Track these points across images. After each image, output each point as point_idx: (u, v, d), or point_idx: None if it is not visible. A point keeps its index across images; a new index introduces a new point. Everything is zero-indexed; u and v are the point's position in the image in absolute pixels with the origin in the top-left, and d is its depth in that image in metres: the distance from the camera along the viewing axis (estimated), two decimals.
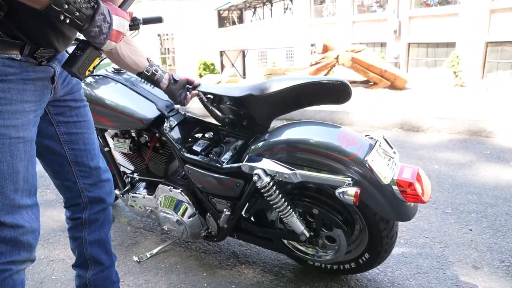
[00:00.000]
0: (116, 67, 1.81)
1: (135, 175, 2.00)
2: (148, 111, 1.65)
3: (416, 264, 1.75)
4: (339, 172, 1.27)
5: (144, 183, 1.99)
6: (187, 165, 1.58)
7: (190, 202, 1.66)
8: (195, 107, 5.08)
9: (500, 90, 7.58)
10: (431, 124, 4.03)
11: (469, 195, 2.44)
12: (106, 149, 1.98)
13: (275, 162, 1.34)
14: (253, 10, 24.16)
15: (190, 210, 1.67)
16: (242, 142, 1.62)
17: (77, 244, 1.35)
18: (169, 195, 1.71)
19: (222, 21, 25.00)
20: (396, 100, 5.61)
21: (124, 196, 1.99)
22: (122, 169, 2.06)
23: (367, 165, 1.20)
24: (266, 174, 1.34)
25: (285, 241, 1.60)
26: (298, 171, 1.29)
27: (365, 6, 13.10)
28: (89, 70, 0.94)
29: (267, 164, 1.34)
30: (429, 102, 5.52)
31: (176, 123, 1.66)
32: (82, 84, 1.72)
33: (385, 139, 1.33)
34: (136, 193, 1.92)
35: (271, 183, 1.34)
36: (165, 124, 1.64)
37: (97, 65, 1.93)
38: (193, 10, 22.04)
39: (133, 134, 1.77)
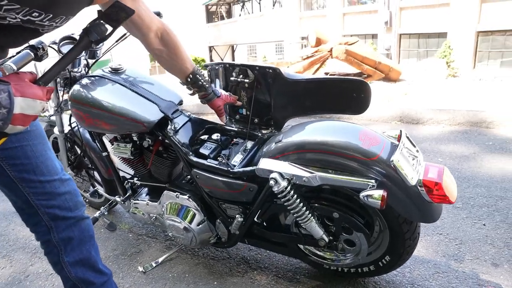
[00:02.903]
0: (114, 66, 1.70)
1: (136, 179, 1.90)
2: (150, 113, 1.55)
3: (434, 264, 1.70)
4: (361, 173, 1.19)
5: (146, 189, 1.89)
6: (195, 170, 1.49)
7: (199, 208, 1.58)
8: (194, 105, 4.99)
9: (493, 79, 7.60)
10: (431, 116, 3.98)
11: (478, 188, 2.39)
12: (104, 154, 1.88)
13: (292, 165, 1.26)
14: (241, 4, 23.96)
15: (198, 217, 1.58)
16: (252, 144, 1.54)
17: (58, 269, 1.23)
18: (175, 202, 1.62)
19: (211, 16, 24.73)
20: (392, 92, 5.56)
21: (125, 202, 1.90)
22: (121, 174, 1.96)
23: (392, 165, 1.12)
24: (283, 178, 1.26)
25: (301, 246, 1.53)
26: (318, 174, 1.21)
27: None
28: None
29: (284, 167, 1.26)
30: (426, 93, 5.48)
31: (180, 125, 1.57)
32: (78, 86, 1.63)
33: (408, 137, 1.26)
34: (138, 200, 1.82)
35: (289, 188, 1.26)
36: (169, 127, 1.54)
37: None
38: (180, 5, 21.76)
39: (135, 138, 1.67)
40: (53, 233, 1.16)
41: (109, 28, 0.89)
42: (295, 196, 1.28)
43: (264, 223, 1.55)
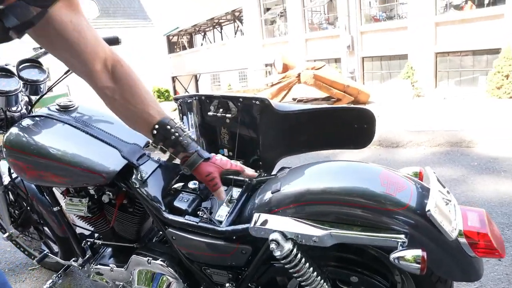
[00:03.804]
0: (62, 103, 1.39)
1: (96, 238, 1.57)
2: (111, 160, 1.24)
3: None
4: (386, 228, 0.94)
5: (109, 249, 1.56)
6: (169, 230, 1.18)
7: (177, 275, 1.26)
8: None
9: (455, 97, 7.79)
10: (410, 138, 3.87)
11: None
12: (56, 208, 1.54)
13: (296, 220, 0.99)
14: (202, 34, 24.06)
15: (177, 286, 1.27)
16: (239, 192, 1.26)
17: None
18: (146, 269, 1.30)
19: (172, 47, 24.61)
20: None
21: (85, 267, 1.55)
22: (79, 230, 1.62)
23: (428, 216, 0.88)
24: (286, 238, 0.98)
25: None
26: (332, 232, 0.94)
27: (315, 24, 13.31)
28: None
29: (286, 224, 0.99)
30: (397, 114, 5.44)
31: (149, 173, 1.27)
32: (16, 130, 1.31)
33: (437, 177, 1.03)
34: (100, 264, 1.48)
35: (295, 250, 0.98)
36: (135, 176, 1.24)
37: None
38: (141, 37, 21.52)
39: (92, 192, 1.35)
40: None
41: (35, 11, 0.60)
42: (303, 259, 1.00)
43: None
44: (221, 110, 1.27)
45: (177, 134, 0.96)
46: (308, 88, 7.13)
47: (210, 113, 1.29)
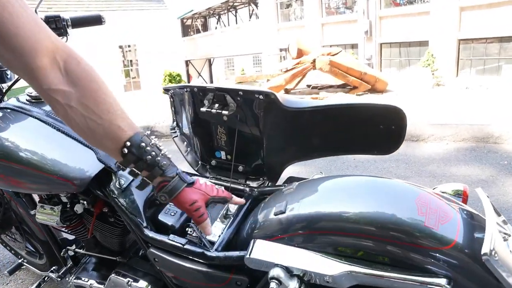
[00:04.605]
0: (34, 93, 1.19)
1: (78, 247, 1.39)
2: (85, 164, 1.04)
3: None
4: (422, 268, 0.71)
5: (92, 260, 1.37)
6: (152, 250, 0.98)
7: None
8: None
9: (478, 87, 7.40)
10: (432, 131, 3.59)
11: None
12: (33, 212, 1.35)
13: (305, 252, 0.77)
14: (217, 17, 23.67)
15: None
16: (237, 206, 1.04)
17: None
18: None
19: (186, 30, 24.30)
20: None
21: (67, 277, 1.38)
22: (65, 235, 1.46)
23: (483, 261, 0.65)
24: (291, 275, 0.77)
25: None
26: (351, 270, 0.72)
27: (332, 8, 12.85)
28: None
29: (292, 256, 0.77)
30: (417, 105, 5.14)
31: (130, 180, 1.06)
32: None
33: (491, 203, 0.79)
34: (80, 278, 1.30)
35: None
36: (113, 183, 1.04)
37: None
38: (155, 20, 21.21)
39: (64, 199, 1.15)
40: None
41: None
42: None
43: None
44: (216, 105, 1.05)
45: (153, 153, 0.74)
46: (323, 74, 6.83)
47: (203, 109, 1.07)
